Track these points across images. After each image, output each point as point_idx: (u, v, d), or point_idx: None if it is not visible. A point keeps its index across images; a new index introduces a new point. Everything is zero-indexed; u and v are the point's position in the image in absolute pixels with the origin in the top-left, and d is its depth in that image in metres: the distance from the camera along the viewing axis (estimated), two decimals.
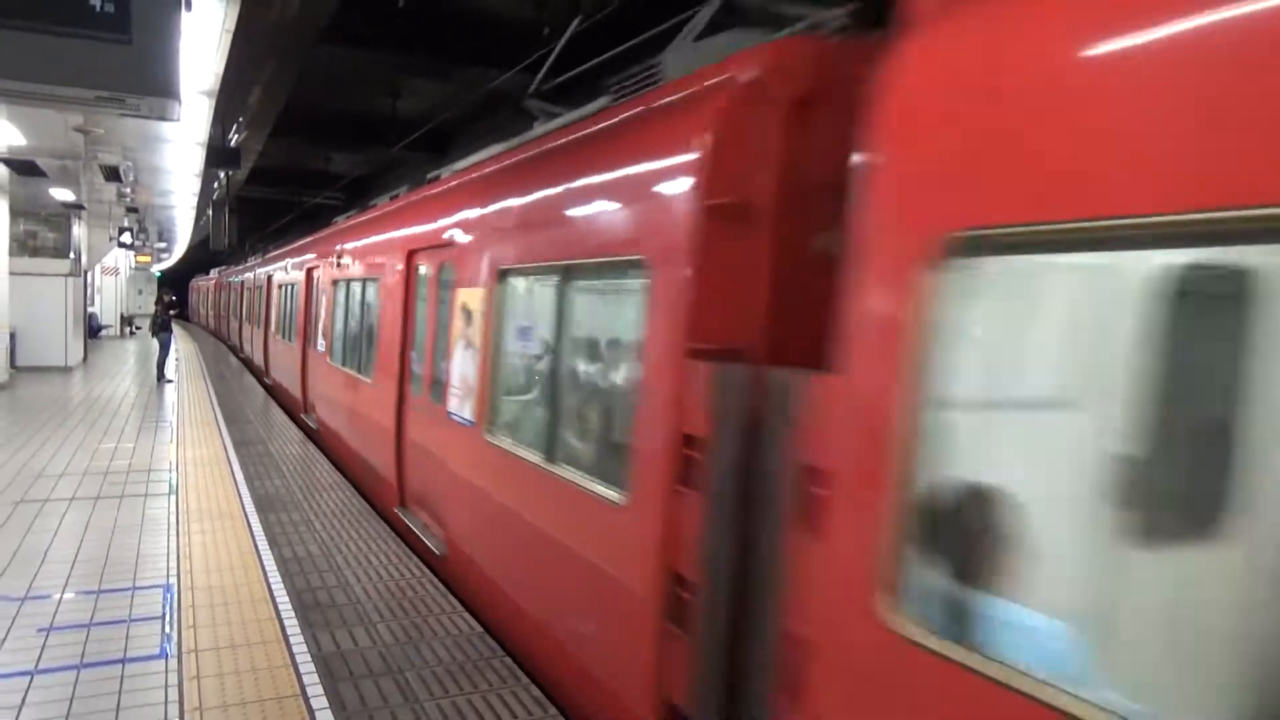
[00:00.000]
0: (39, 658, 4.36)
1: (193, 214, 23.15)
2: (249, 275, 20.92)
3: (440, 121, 16.03)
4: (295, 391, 12.54)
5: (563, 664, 4.05)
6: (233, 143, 16.19)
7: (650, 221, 3.36)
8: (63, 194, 14.71)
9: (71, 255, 19.14)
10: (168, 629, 4.73)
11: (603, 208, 3.83)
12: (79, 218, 19.02)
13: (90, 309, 25.96)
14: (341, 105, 17.19)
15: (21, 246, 18.23)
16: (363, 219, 9.82)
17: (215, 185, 21.01)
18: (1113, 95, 1.83)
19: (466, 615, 4.98)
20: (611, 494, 3.53)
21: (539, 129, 5.44)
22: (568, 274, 4.15)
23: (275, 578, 5.54)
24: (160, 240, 33.55)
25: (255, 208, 30.99)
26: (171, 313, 20.27)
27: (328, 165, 23.27)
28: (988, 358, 2.26)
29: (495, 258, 5.00)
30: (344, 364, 9.26)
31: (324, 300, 10.75)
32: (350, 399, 8.77)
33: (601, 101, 4.58)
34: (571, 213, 4.14)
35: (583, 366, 4.24)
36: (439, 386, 5.92)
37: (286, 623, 4.79)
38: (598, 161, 3.98)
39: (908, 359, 2.18)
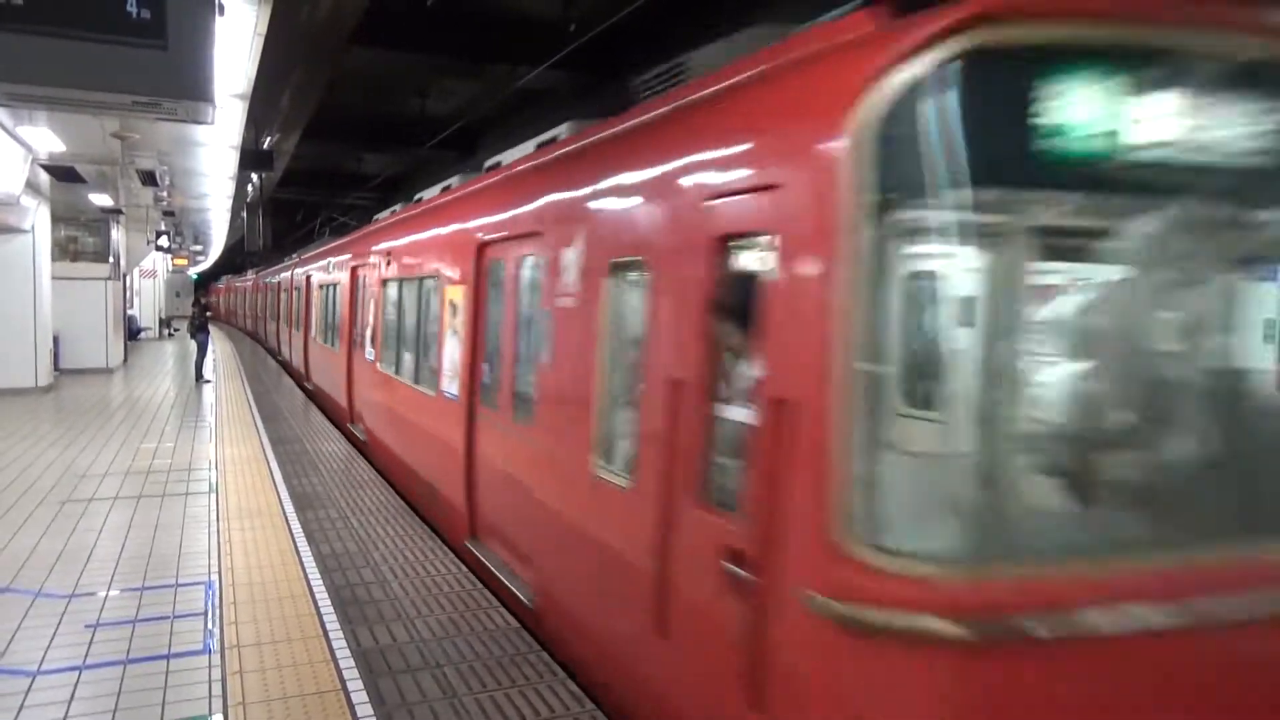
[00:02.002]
0: (86, 653, 4.45)
1: (228, 216, 23.46)
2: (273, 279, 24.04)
3: (469, 120, 16.10)
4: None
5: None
6: (266, 145, 16.37)
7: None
8: (101, 199, 14.98)
9: (111, 259, 19.47)
10: (210, 625, 4.81)
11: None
12: (117, 222, 19.34)
13: (130, 311, 26.40)
14: (372, 106, 17.31)
15: (62, 251, 18.57)
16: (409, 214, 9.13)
17: (249, 188, 21.26)
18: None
19: (502, 611, 5.01)
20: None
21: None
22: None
23: (314, 574, 5.61)
24: (196, 243, 34.12)
25: (289, 209, 31.35)
26: (208, 314, 20.58)
27: (360, 166, 23.46)
28: None
29: (594, 248, 4.01)
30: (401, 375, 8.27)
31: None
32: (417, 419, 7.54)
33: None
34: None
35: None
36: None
37: (326, 619, 4.84)
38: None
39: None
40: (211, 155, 12.45)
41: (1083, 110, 2.28)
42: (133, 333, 26.42)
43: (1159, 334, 2.57)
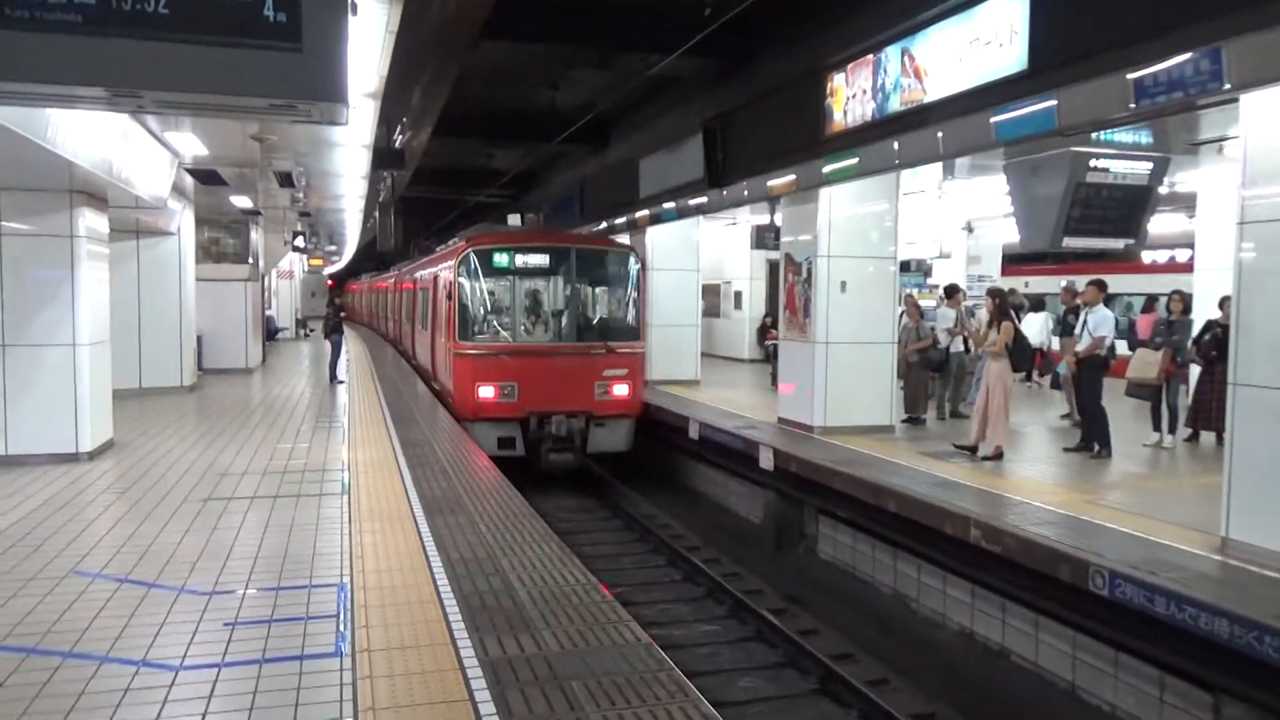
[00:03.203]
0: (225, 651, 4.76)
1: (360, 216, 24.66)
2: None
3: (600, 112, 16.31)
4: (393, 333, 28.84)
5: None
6: (397, 144, 17.12)
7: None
8: (241, 201, 16.00)
9: (250, 260, 20.77)
10: (342, 627, 5.05)
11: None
12: (256, 223, 20.63)
13: (268, 312, 28.09)
14: (501, 100, 17.79)
15: (205, 253, 19.93)
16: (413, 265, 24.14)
17: (380, 187, 22.30)
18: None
19: (633, 625, 5.05)
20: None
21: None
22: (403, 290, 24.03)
23: (443, 579, 5.81)
24: (331, 243, 35.99)
25: (420, 207, 32.61)
26: (342, 314, 21.68)
27: (489, 162, 24.18)
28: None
29: (434, 279, 16.80)
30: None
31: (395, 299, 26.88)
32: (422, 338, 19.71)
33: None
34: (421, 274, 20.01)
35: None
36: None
37: (454, 626, 5.01)
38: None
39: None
40: (345, 155, 13.12)
41: (492, 260, 13.81)
42: (270, 333, 28.08)
43: (528, 299, 14.26)
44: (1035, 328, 16.09)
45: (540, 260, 14.11)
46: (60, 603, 5.45)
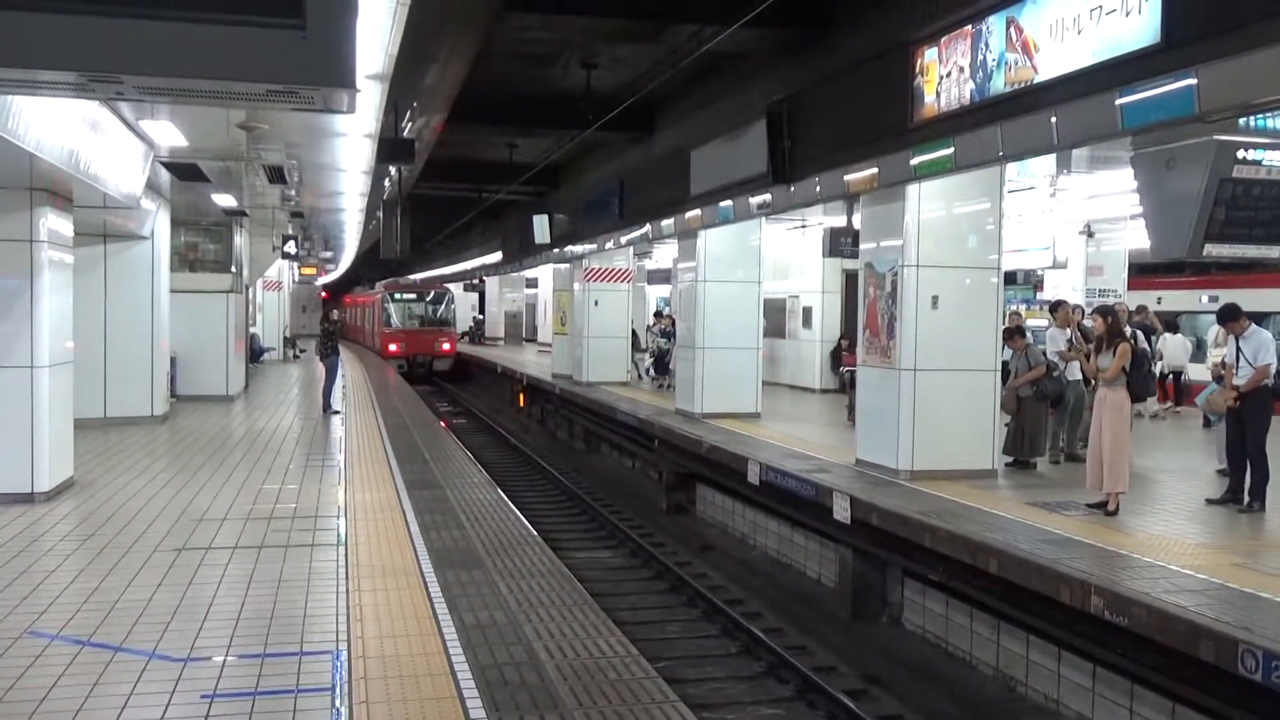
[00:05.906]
0: None
1: (361, 217, 24.99)
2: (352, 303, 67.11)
3: (645, 94, 16.42)
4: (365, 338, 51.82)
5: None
6: (405, 133, 17.34)
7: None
8: (224, 199, 16.30)
9: (233, 269, 21.07)
10: (338, 703, 5.10)
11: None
12: (240, 226, 20.96)
13: (252, 329, 28.50)
14: (528, 82, 17.98)
15: (181, 260, 20.22)
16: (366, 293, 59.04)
17: (386, 182, 22.60)
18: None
19: (681, 706, 5.05)
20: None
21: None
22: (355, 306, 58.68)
23: (456, 648, 5.85)
24: (326, 249, 36.58)
25: (430, 207, 32.98)
26: (337, 330, 21.89)
27: (513, 154, 24.43)
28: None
29: (371, 302, 49.95)
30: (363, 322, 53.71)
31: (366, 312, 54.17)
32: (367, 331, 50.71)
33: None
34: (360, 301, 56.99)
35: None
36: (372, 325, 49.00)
37: (470, 704, 5.04)
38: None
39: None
40: (346, 146, 13.32)
41: (395, 296, 45.06)
42: (255, 354, 28.47)
43: (409, 313, 44.64)
44: (1176, 353, 16.10)
45: (413, 295, 44.44)
46: (13, 668, 5.56)
